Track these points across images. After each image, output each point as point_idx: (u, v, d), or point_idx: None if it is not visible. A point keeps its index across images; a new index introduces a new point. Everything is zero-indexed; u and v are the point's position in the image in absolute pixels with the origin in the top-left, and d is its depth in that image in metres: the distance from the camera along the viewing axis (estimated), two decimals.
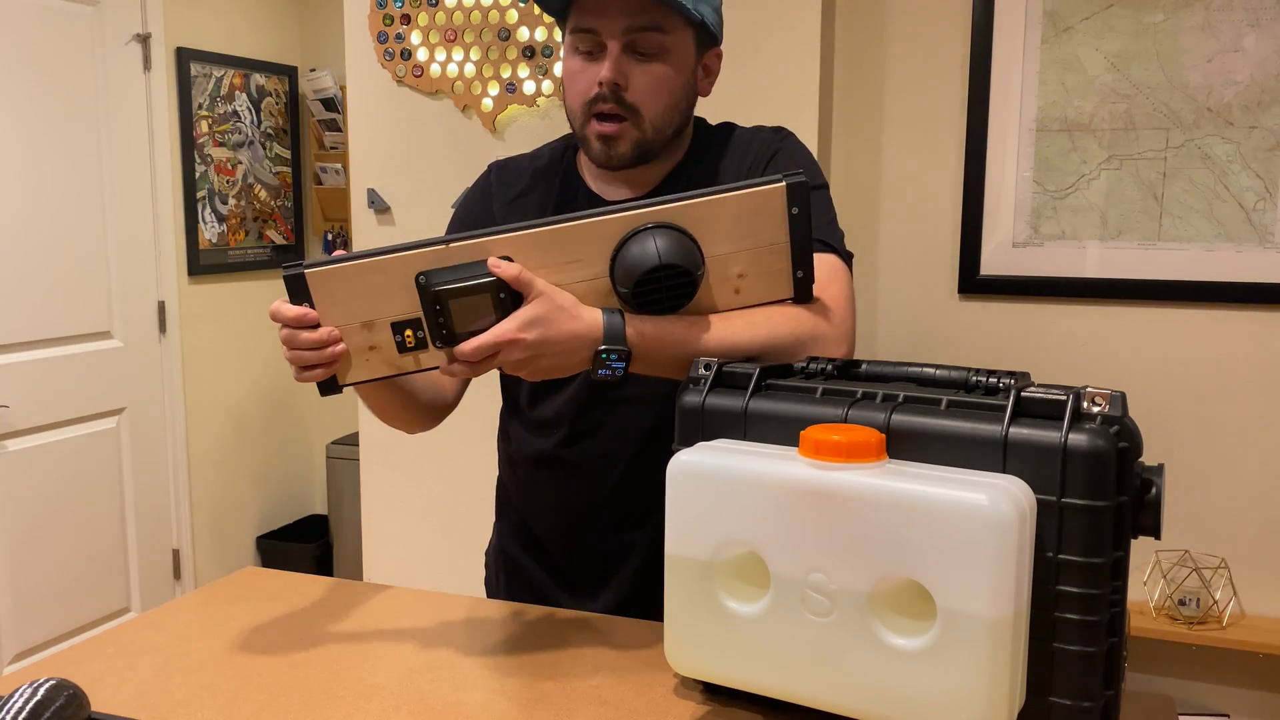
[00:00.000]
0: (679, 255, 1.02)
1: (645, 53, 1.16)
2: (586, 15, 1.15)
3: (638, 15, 1.14)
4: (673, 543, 0.89)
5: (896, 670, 0.80)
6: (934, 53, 2.52)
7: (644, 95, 1.16)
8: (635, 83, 1.16)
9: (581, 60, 1.18)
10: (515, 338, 1.00)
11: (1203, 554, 2.40)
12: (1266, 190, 2.30)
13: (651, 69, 1.16)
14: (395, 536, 2.81)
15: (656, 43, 1.15)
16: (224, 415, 3.56)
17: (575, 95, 1.19)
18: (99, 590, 3.12)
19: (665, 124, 1.20)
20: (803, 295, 1.11)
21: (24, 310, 2.85)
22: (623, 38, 1.14)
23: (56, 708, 0.83)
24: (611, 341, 1.02)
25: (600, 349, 1.02)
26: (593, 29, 1.15)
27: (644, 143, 1.19)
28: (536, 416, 1.31)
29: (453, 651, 1.10)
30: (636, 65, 1.16)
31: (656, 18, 1.14)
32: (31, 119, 2.84)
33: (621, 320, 1.03)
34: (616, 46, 1.14)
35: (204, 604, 1.24)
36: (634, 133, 1.18)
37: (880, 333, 2.64)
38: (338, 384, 1.05)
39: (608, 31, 1.14)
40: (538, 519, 1.37)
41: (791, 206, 1.08)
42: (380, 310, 1.03)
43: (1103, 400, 0.81)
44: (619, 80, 1.15)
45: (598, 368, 1.02)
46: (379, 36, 2.63)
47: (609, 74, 1.14)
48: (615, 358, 1.02)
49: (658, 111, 1.18)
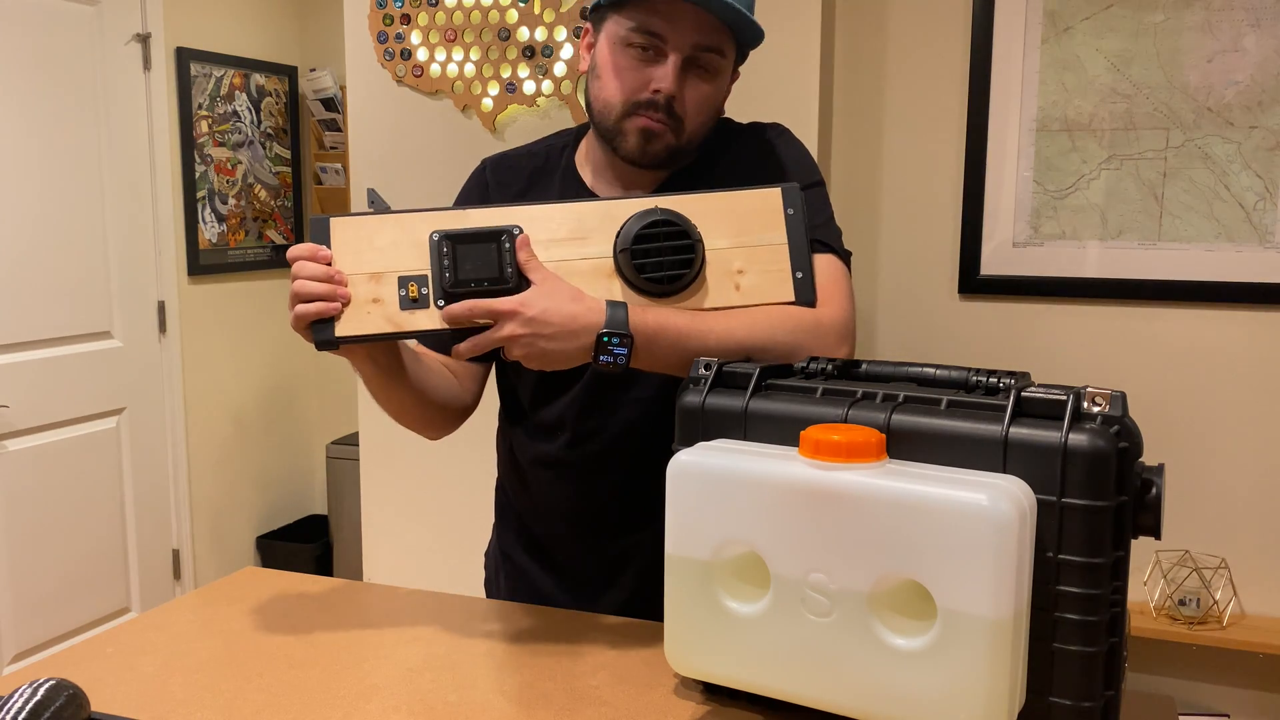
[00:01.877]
0: (678, 218, 1.09)
1: (704, 69, 1.18)
2: (657, 20, 1.15)
3: (708, 36, 1.16)
4: (673, 543, 0.89)
5: (896, 670, 0.80)
6: (934, 53, 2.52)
7: (692, 110, 1.19)
8: (688, 96, 1.18)
9: (634, 57, 1.18)
10: (514, 309, 1.01)
11: (1203, 554, 2.40)
12: (1266, 190, 2.30)
13: (703, 87, 1.19)
14: (395, 536, 2.81)
15: (715, 63, 1.18)
16: (224, 415, 3.56)
17: (620, 90, 1.19)
18: (99, 590, 3.12)
19: (699, 137, 1.22)
20: (804, 296, 1.12)
21: (24, 310, 2.85)
22: (689, 51, 1.16)
23: (56, 708, 0.83)
24: (614, 327, 1.02)
25: (602, 333, 1.02)
26: (659, 34, 1.16)
27: (677, 149, 1.21)
28: (539, 420, 1.31)
29: (453, 651, 1.10)
30: (692, 80, 1.18)
31: (722, 41, 1.17)
32: (31, 119, 2.84)
33: (624, 308, 1.04)
34: (679, 59, 1.16)
35: (204, 604, 1.24)
36: (672, 138, 1.19)
37: (880, 333, 2.64)
38: (334, 336, 1.06)
39: (675, 43, 1.16)
40: (539, 521, 1.37)
41: (787, 208, 1.12)
42: (390, 264, 1.07)
43: (1103, 400, 0.81)
44: (676, 93, 1.17)
45: (600, 354, 1.03)
46: (379, 36, 2.62)
47: (671, 86, 1.16)
48: (617, 343, 1.03)
49: (697, 126, 1.20)
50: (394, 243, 1.07)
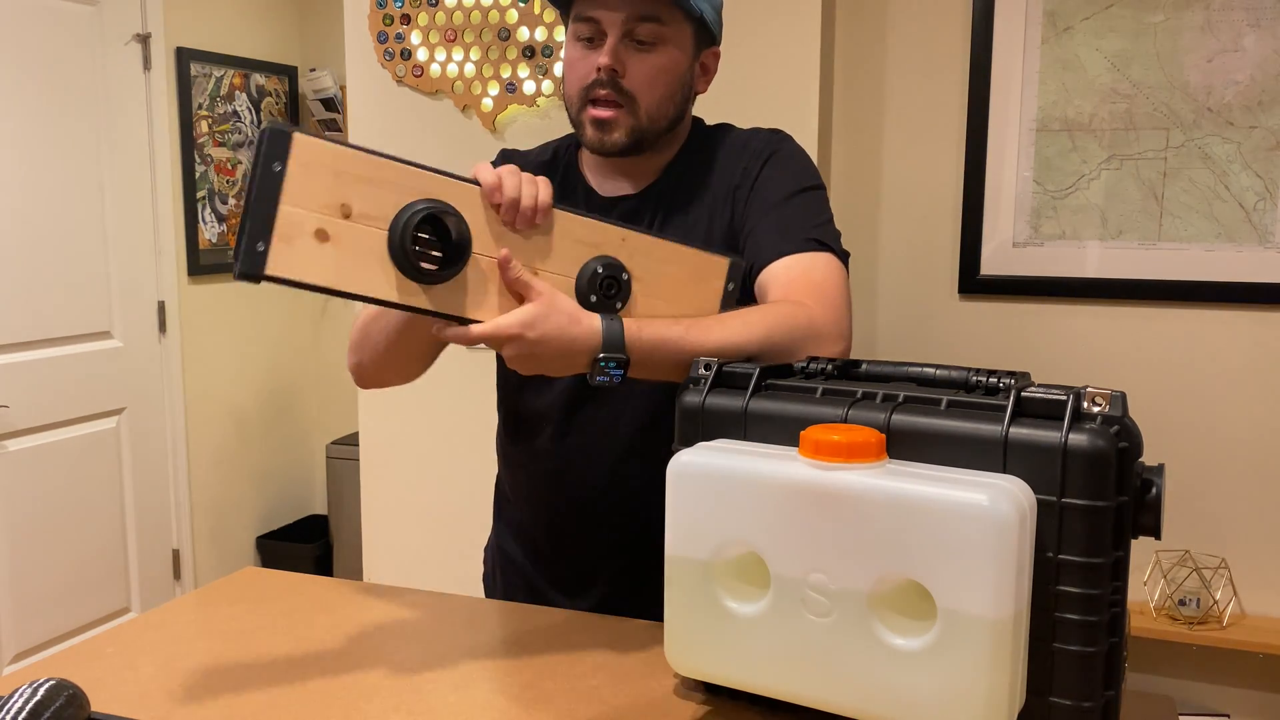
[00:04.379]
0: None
1: (644, 42, 1.18)
2: (588, 4, 1.18)
3: (638, 5, 1.17)
4: (673, 543, 0.89)
5: (896, 670, 0.80)
6: (934, 53, 2.52)
7: (640, 83, 1.19)
8: (633, 70, 1.18)
9: (581, 48, 1.20)
10: (516, 333, 1.01)
11: (1203, 554, 2.40)
12: (1266, 190, 2.30)
13: (649, 58, 1.19)
14: (395, 536, 2.81)
15: (655, 33, 1.18)
16: (224, 415, 3.56)
17: (573, 82, 1.22)
18: (99, 590, 3.12)
19: (660, 114, 1.22)
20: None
21: (24, 310, 2.85)
22: (623, 26, 1.17)
23: (56, 708, 0.83)
24: (610, 349, 1.02)
25: (599, 357, 1.02)
26: (594, 18, 1.18)
27: (638, 129, 1.20)
28: (525, 413, 1.32)
29: (453, 651, 1.10)
30: (635, 54, 1.19)
31: (656, 9, 1.17)
32: (31, 119, 2.84)
33: (620, 328, 1.03)
34: (616, 35, 1.17)
35: (204, 604, 1.24)
36: (629, 120, 1.20)
37: (880, 333, 2.64)
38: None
39: (608, 20, 1.17)
40: (529, 515, 1.37)
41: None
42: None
43: (1103, 400, 0.81)
44: (616, 67, 1.18)
45: (596, 374, 1.03)
46: (379, 36, 2.62)
47: (607, 60, 1.17)
48: (614, 365, 1.03)
49: (653, 100, 1.20)
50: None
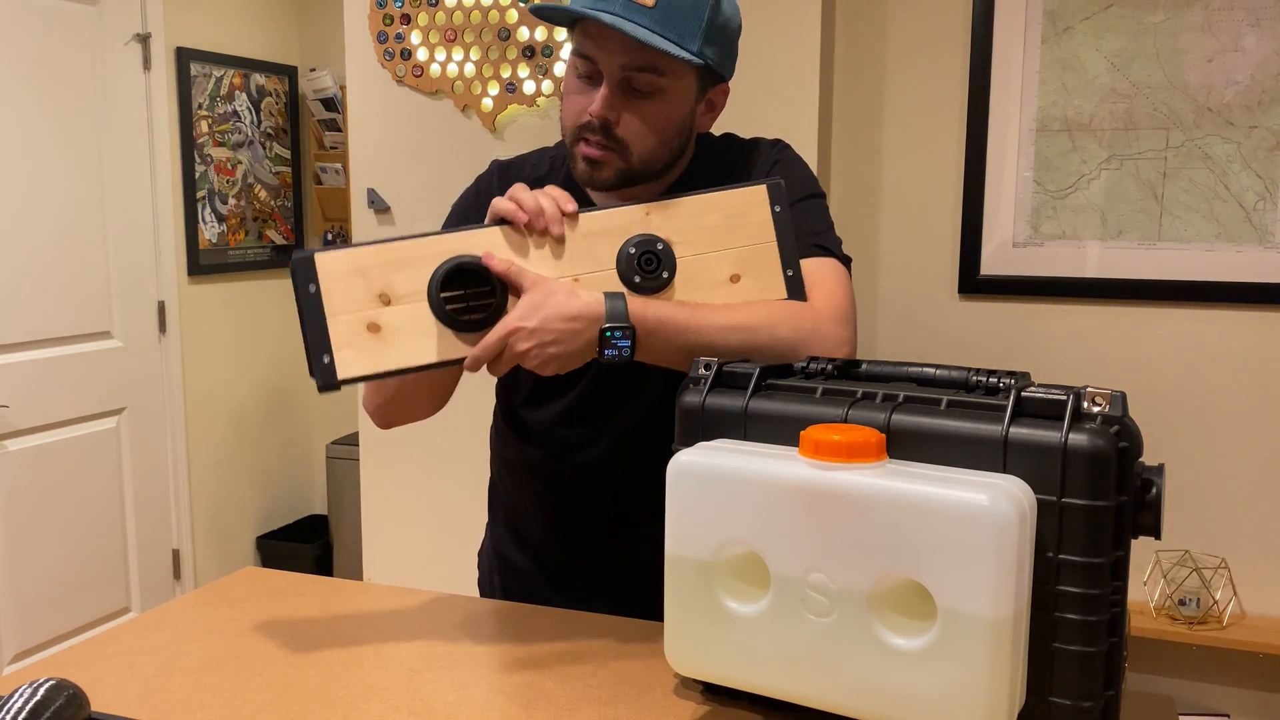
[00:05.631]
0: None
1: (641, 90, 1.14)
2: (588, 43, 1.14)
3: (635, 55, 1.12)
4: (673, 543, 0.89)
5: (896, 670, 0.80)
6: (934, 53, 2.52)
7: (633, 133, 1.15)
8: (626, 120, 1.15)
9: (579, 82, 1.17)
10: (517, 326, 1.01)
11: (1203, 554, 2.40)
12: (1266, 190, 2.30)
13: (644, 108, 1.15)
14: (395, 536, 2.81)
15: (652, 83, 1.14)
16: (224, 415, 3.56)
17: (569, 113, 1.19)
18: (99, 590, 3.12)
19: (654, 159, 1.18)
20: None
21: (24, 310, 2.85)
22: (619, 74, 1.13)
23: (56, 708, 0.83)
24: (614, 319, 1.02)
25: (604, 327, 1.02)
26: (592, 58, 1.14)
27: (629, 172, 1.18)
28: (531, 423, 1.31)
29: (453, 651, 1.10)
30: (630, 102, 1.14)
31: (654, 59, 1.12)
32: (31, 119, 2.84)
33: (623, 299, 1.04)
34: (612, 83, 1.13)
35: (204, 604, 1.24)
36: (619, 163, 1.17)
37: (880, 333, 2.64)
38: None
39: (605, 66, 1.13)
40: (531, 522, 1.37)
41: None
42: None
43: (1103, 400, 0.81)
44: (609, 117, 1.14)
45: (604, 348, 1.03)
46: (379, 36, 2.62)
47: (599, 110, 1.14)
48: (620, 335, 1.02)
49: (646, 148, 1.17)
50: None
